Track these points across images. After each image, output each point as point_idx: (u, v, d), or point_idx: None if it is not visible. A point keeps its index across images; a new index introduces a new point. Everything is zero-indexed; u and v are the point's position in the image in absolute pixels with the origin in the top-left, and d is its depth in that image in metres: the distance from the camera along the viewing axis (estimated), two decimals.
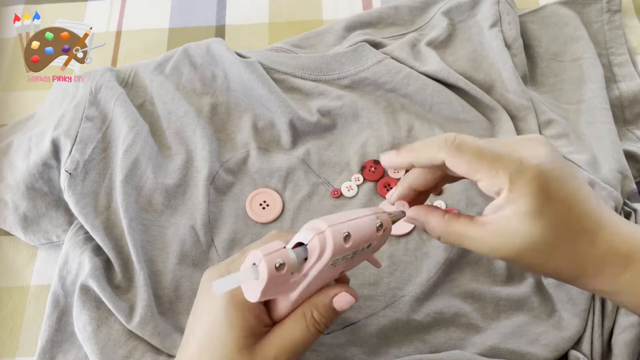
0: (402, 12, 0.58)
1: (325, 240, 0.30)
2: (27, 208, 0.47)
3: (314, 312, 0.33)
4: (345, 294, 0.33)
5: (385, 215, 0.34)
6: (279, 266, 0.29)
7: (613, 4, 0.57)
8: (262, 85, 0.50)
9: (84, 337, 0.42)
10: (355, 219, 0.32)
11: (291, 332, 0.33)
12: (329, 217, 0.31)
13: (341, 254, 0.31)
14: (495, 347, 0.41)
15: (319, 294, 0.33)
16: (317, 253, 0.30)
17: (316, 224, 0.31)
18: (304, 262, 0.31)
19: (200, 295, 0.35)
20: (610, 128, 0.49)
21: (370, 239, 0.33)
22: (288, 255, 0.30)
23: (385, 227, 0.34)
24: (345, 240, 0.31)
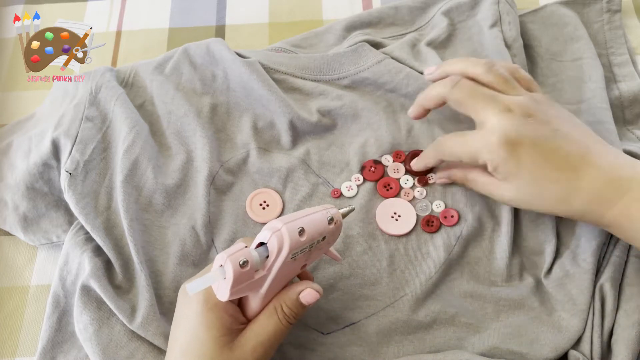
0: (402, 12, 0.58)
1: (282, 236, 0.34)
2: (27, 208, 0.47)
3: (284, 306, 0.36)
4: (310, 290, 0.37)
5: (334, 210, 0.38)
6: (242, 264, 0.32)
7: (613, 4, 0.57)
8: (262, 85, 0.50)
9: (85, 338, 0.42)
10: (307, 215, 0.36)
11: (265, 325, 0.36)
12: (285, 216, 0.35)
13: (298, 248, 0.34)
14: (495, 347, 0.41)
15: (287, 290, 0.37)
16: (276, 249, 0.34)
17: (273, 224, 0.34)
18: (266, 260, 0.34)
19: (178, 305, 0.38)
20: (610, 128, 0.49)
21: (323, 231, 0.36)
22: (250, 253, 0.33)
23: (336, 221, 0.37)
24: (300, 234, 0.34)
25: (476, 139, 0.41)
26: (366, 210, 0.47)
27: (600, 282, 0.43)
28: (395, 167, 0.49)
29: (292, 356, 0.42)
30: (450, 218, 0.47)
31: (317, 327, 0.43)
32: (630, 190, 0.37)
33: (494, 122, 0.40)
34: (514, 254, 0.45)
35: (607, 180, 0.38)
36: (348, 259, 0.45)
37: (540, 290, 0.44)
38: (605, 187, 0.38)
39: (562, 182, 0.39)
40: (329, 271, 0.45)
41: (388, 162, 0.50)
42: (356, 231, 0.46)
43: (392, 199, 0.48)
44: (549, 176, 0.39)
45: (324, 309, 0.44)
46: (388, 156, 0.50)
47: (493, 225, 0.46)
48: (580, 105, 0.52)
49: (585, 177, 0.38)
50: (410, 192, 0.49)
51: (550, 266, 0.44)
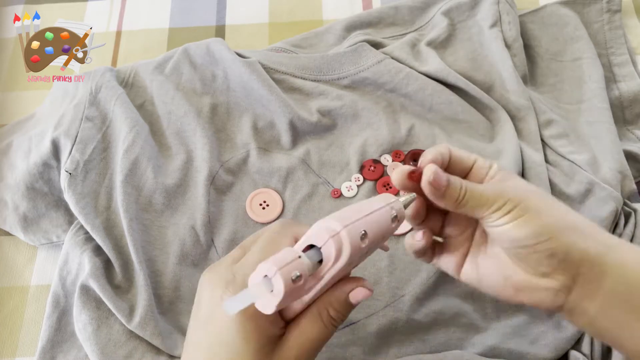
0: (402, 12, 0.58)
1: (342, 242, 0.28)
2: (27, 208, 0.47)
3: (330, 310, 0.32)
4: (361, 289, 0.32)
5: (399, 204, 0.32)
6: (295, 278, 0.27)
7: (613, 4, 0.57)
8: (262, 85, 0.50)
9: (84, 337, 0.42)
10: (369, 214, 0.30)
11: (309, 332, 0.31)
12: (342, 215, 0.29)
13: (358, 254, 0.29)
14: (495, 347, 0.41)
15: (334, 291, 0.32)
16: (334, 257, 0.29)
17: (330, 224, 0.29)
18: (317, 265, 0.29)
19: (203, 303, 0.32)
20: (610, 128, 0.49)
21: (387, 233, 0.31)
22: (303, 265, 0.28)
23: (400, 218, 0.32)
24: (362, 239, 0.29)
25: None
26: None
27: None
28: (394, 167, 0.49)
29: None
30: None
31: None
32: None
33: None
34: None
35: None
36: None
37: None
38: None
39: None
40: None
41: (387, 161, 0.50)
42: None
43: None
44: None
45: None
46: (387, 156, 0.50)
47: None
48: (580, 105, 0.52)
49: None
50: None
51: None
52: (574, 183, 0.47)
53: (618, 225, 0.46)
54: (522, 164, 0.47)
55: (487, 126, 0.51)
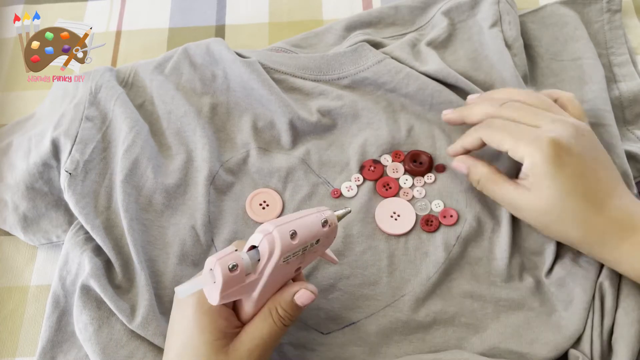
0: (402, 12, 0.58)
1: (274, 239, 0.33)
2: (27, 208, 0.47)
3: (278, 308, 0.36)
4: (304, 290, 0.36)
5: (329, 212, 0.37)
6: (232, 267, 0.32)
7: (613, 4, 0.57)
8: (262, 85, 0.50)
9: (85, 338, 0.42)
10: (300, 217, 0.35)
11: (260, 328, 0.35)
12: (277, 219, 0.35)
13: (290, 251, 0.34)
14: (495, 347, 0.41)
15: (281, 292, 0.36)
16: (268, 252, 0.33)
17: (265, 226, 0.34)
18: (258, 263, 0.34)
19: (173, 309, 0.38)
20: (611, 131, 0.49)
21: (317, 234, 0.35)
22: (240, 257, 0.33)
23: (331, 223, 0.36)
24: (292, 237, 0.34)
25: (525, 133, 0.40)
26: (366, 210, 0.47)
27: (600, 280, 0.43)
28: (394, 167, 0.49)
29: (292, 356, 0.42)
30: (449, 217, 0.47)
31: (317, 327, 0.43)
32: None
33: (550, 127, 0.40)
34: (514, 254, 0.45)
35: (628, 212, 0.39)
36: (348, 259, 0.45)
37: (540, 291, 0.44)
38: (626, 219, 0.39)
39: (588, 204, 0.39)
40: (329, 271, 0.45)
41: (387, 161, 0.50)
42: (356, 231, 0.46)
43: (391, 198, 0.48)
44: (579, 193, 0.39)
45: (323, 308, 0.44)
46: (387, 156, 0.50)
47: (493, 225, 0.46)
48: None
49: (610, 205, 0.39)
50: (409, 191, 0.49)
51: (551, 266, 0.44)
52: None
53: None
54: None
55: None
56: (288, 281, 0.38)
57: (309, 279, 0.45)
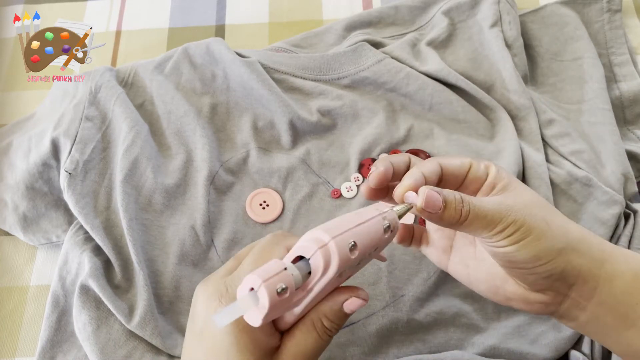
0: (402, 12, 0.58)
1: (330, 254, 0.28)
2: (26, 208, 0.47)
3: (324, 320, 0.31)
4: (355, 299, 0.31)
5: (392, 214, 0.31)
6: (280, 291, 0.27)
7: (613, 4, 0.57)
8: (262, 85, 0.50)
9: (84, 337, 0.42)
10: (360, 224, 0.29)
11: (303, 343, 0.31)
12: (331, 226, 0.29)
13: (347, 266, 0.29)
14: (495, 347, 0.41)
15: (327, 301, 0.31)
16: (322, 269, 0.28)
17: (318, 235, 0.28)
18: (307, 276, 0.29)
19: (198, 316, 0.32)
20: (612, 130, 0.49)
21: (378, 243, 0.30)
22: (290, 277, 0.28)
23: (393, 228, 0.31)
24: (351, 251, 0.28)
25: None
26: None
27: None
28: None
29: None
30: None
31: None
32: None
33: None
34: None
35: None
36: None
37: None
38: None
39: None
40: None
41: None
42: None
43: None
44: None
45: None
46: (385, 155, 0.50)
47: None
48: (580, 106, 0.52)
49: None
50: None
51: None
52: (576, 183, 0.47)
53: (618, 226, 0.46)
54: (522, 164, 0.47)
55: (487, 126, 0.51)
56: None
57: None
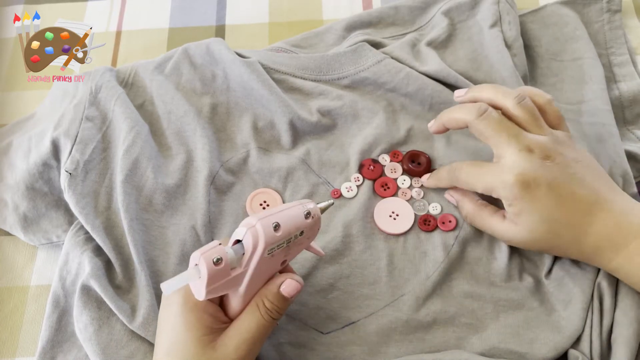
0: (402, 12, 0.58)
1: (257, 232, 0.34)
2: (27, 208, 0.47)
3: (265, 301, 0.36)
4: (290, 280, 0.37)
5: (312, 204, 0.37)
6: (216, 261, 0.32)
7: (613, 4, 0.57)
8: (262, 85, 0.50)
9: (85, 338, 0.42)
10: (283, 210, 0.36)
11: (247, 322, 0.35)
12: (260, 212, 0.35)
13: (275, 243, 0.34)
14: (495, 347, 0.41)
15: (267, 285, 0.36)
16: (252, 245, 0.34)
17: (248, 220, 0.34)
18: (242, 257, 0.34)
19: (160, 310, 0.38)
20: (612, 130, 0.49)
21: (301, 226, 0.36)
22: (224, 251, 0.33)
23: (314, 215, 0.37)
24: (276, 229, 0.34)
25: (492, 174, 0.41)
26: (365, 210, 0.47)
27: (598, 280, 0.43)
28: (392, 167, 0.49)
29: (291, 356, 0.42)
30: (448, 223, 0.46)
31: (317, 327, 0.43)
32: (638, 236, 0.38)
33: (512, 160, 0.40)
34: (513, 254, 0.45)
35: (616, 225, 0.39)
36: (347, 258, 0.45)
37: (540, 291, 0.44)
38: (615, 232, 0.39)
39: (574, 226, 0.40)
40: (328, 271, 0.45)
41: (385, 161, 0.50)
42: (355, 230, 0.46)
43: (390, 198, 0.48)
44: (561, 219, 0.40)
45: (323, 308, 0.44)
46: (385, 155, 0.50)
47: None
48: (580, 106, 0.52)
49: (596, 222, 0.39)
50: (408, 192, 0.49)
51: (550, 266, 0.44)
52: None
53: None
54: None
55: None
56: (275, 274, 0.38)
57: (309, 278, 0.45)
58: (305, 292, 0.44)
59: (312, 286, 0.44)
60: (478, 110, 0.42)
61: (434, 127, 0.46)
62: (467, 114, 0.43)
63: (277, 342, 0.43)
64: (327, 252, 0.45)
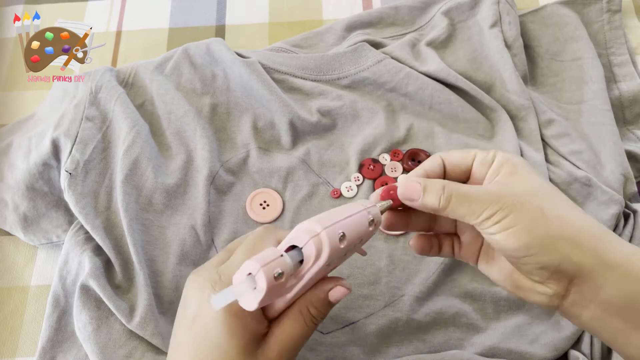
0: (402, 12, 0.58)
1: (321, 243, 0.30)
2: (27, 208, 0.47)
3: (311, 308, 0.33)
4: (340, 287, 0.34)
5: (376, 209, 0.34)
6: (277, 275, 0.29)
7: (613, 4, 0.57)
8: (262, 85, 0.50)
9: (84, 337, 0.42)
10: (347, 217, 0.32)
11: (290, 330, 0.33)
12: (322, 218, 0.31)
13: (337, 255, 0.31)
14: (495, 347, 0.41)
15: (314, 290, 0.33)
16: (314, 257, 0.30)
17: (310, 226, 0.31)
18: (299, 265, 0.31)
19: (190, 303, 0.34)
20: (612, 130, 0.49)
21: (364, 235, 0.33)
22: (286, 263, 0.30)
23: (377, 222, 0.34)
24: (341, 240, 0.31)
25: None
26: None
27: None
28: (392, 166, 0.49)
29: None
30: None
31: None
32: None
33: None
34: None
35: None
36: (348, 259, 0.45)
37: None
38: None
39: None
40: None
41: (386, 160, 0.50)
42: None
43: None
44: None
45: None
46: (386, 154, 0.50)
47: None
48: (580, 106, 0.52)
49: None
50: None
51: None
52: (575, 183, 0.47)
53: (617, 226, 0.46)
54: None
55: (487, 126, 0.51)
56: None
57: None
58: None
59: None
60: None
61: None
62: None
63: None
64: None
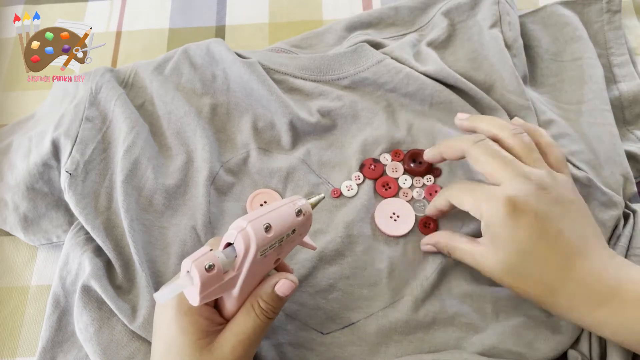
0: (402, 13, 0.58)
1: (248, 235, 0.33)
2: (27, 208, 0.47)
3: (260, 301, 0.36)
4: (284, 280, 0.36)
5: (302, 201, 0.37)
6: (208, 267, 0.32)
7: (613, 4, 0.57)
8: (262, 86, 0.50)
9: (86, 338, 0.42)
10: (273, 210, 0.35)
11: (243, 323, 0.35)
12: (250, 213, 0.35)
13: (267, 245, 0.34)
14: (494, 347, 0.41)
15: (262, 285, 0.36)
16: (243, 248, 0.33)
17: (238, 222, 0.34)
18: (235, 260, 0.34)
19: (155, 315, 0.38)
20: (612, 130, 0.49)
21: (292, 225, 0.35)
22: (215, 256, 0.33)
23: (305, 212, 0.36)
24: (267, 230, 0.34)
25: (483, 190, 0.39)
26: (366, 210, 0.47)
27: None
28: (393, 167, 0.49)
29: (291, 356, 0.42)
30: None
31: (317, 327, 0.43)
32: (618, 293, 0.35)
33: (508, 182, 0.38)
34: None
35: (597, 278, 0.36)
36: (348, 259, 0.45)
37: None
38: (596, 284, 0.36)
39: (549, 268, 0.37)
40: (329, 271, 0.45)
41: (387, 160, 0.50)
42: (356, 231, 0.46)
43: (391, 198, 0.48)
44: (538, 256, 0.37)
45: (323, 308, 0.44)
46: (387, 155, 0.50)
47: None
48: (580, 106, 0.52)
49: (577, 269, 0.37)
50: (409, 192, 0.49)
51: None
52: (575, 184, 0.47)
53: (617, 227, 0.46)
54: None
55: None
56: (268, 273, 0.38)
57: (309, 278, 0.45)
58: (306, 292, 0.44)
59: (312, 286, 0.44)
60: (474, 139, 0.41)
61: (430, 154, 0.46)
62: (463, 142, 0.42)
63: (276, 342, 0.43)
64: (328, 252, 0.45)
